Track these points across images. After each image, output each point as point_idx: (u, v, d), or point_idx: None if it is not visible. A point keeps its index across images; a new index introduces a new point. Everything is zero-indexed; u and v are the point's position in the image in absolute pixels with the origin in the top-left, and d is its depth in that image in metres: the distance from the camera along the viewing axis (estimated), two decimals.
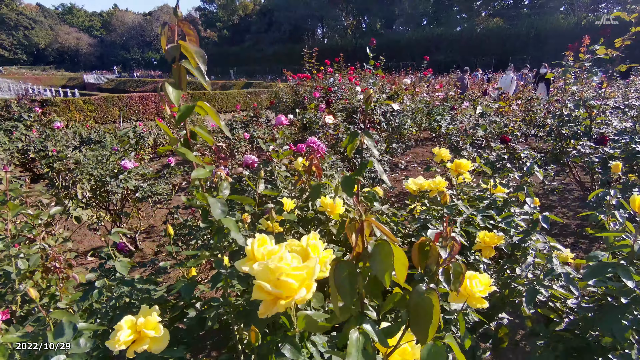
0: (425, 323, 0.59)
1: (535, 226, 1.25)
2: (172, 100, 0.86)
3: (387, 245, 0.58)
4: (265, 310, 0.67)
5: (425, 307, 0.59)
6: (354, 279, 0.59)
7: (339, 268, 0.59)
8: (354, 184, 1.06)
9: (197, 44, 0.86)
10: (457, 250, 0.67)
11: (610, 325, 1.07)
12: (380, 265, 0.57)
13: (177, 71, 0.86)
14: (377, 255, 0.57)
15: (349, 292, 0.58)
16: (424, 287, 0.61)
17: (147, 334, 0.81)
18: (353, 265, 0.60)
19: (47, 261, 1.62)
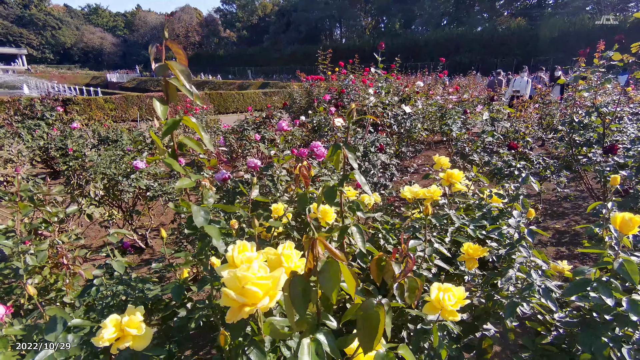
0: (370, 334, 0.62)
1: (520, 240, 1.25)
2: (159, 115, 0.91)
3: (336, 264, 0.61)
4: (231, 317, 0.72)
5: (371, 319, 0.62)
6: (308, 293, 0.62)
7: (294, 282, 0.63)
8: (336, 194, 1.10)
9: (185, 61, 0.91)
10: (412, 266, 0.70)
11: (590, 342, 1.07)
12: (327, 282, 0.60)
13: (165, 87, 0.91)
14: (325, 272, 0.60)
15: (302, 305, 0.62)
16: (374, 301, 0.64)
17: (130, 332, 0.87)
18: (307, 280, 0.63)
19: (56, 257, 1.72)
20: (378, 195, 2.12)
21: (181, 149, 1.00)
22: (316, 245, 0.61)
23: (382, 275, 0.72)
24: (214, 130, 6.45)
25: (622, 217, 1.03)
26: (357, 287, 0.74)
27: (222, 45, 70.48)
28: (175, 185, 0.94)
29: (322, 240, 0.61)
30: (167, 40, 0.87)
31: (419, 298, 0.73)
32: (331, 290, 0.59)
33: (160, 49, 0.87)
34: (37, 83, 26.12)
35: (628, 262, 1.01)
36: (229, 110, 16.71)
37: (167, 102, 0.91)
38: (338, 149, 1.07)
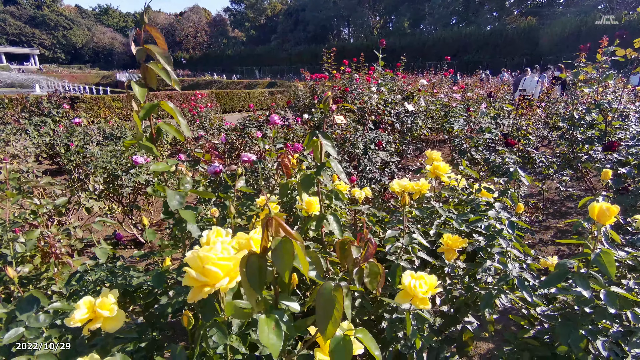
0: (326, 316, 0.62)
1: (500, 231, 1.24)
2: (138, 97, 0.92)
3: (289, 243, 0.60)
4: (193, 296, 0.73)
5: (328, 301, 0.62)
6: (263, 272, 0.62)
7: (250, 261, 0.63)
8: (312, 183, 1.10)
9: (164, 46, 0.92)
10: (373, 252, 0.70)
11: (567, 335, 1.06)
12: (280, 261, 0.59)
13: (144, 71, 0.92)
14: (278, 251, 0.60)
15: (258, 284, 0.62)
16: (332, 284, 0.65)
17: (102, 313, 0.88)
18: (263, 259, 0.63)
19: (47, 247, 1.75)
20: (369, 189, 2.11)
21: (159, 135, 1.01)
22: (272, 223, 0.61)
23: (344, 260, 0.72)
24: (217, 128, 6.50)
25: (600, 207, 1.01)
26: (322, 272, 0.74)
27: (231, 45, 70.82)
28: (150, 168, 0.96)
29: (277, 218, 0.61)
30: (146, 24, 0.88)
31: (382, 284, 0.73)
32: (284, 269, 0.59)
33: (139, 33, 0.88)
34: (49, 82, 26.54)
35: (605, 254, 1.00)
36: (235, 109, 16.79)
37: (146, 85, 0.92)
38: (314, 136, 1.07)
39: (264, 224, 0.61)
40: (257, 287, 0.62)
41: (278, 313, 0.64)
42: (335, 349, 0.64)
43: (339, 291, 0.63)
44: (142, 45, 0.93)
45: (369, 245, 0.70)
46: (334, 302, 0.62)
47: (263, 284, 0.63)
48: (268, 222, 0.61)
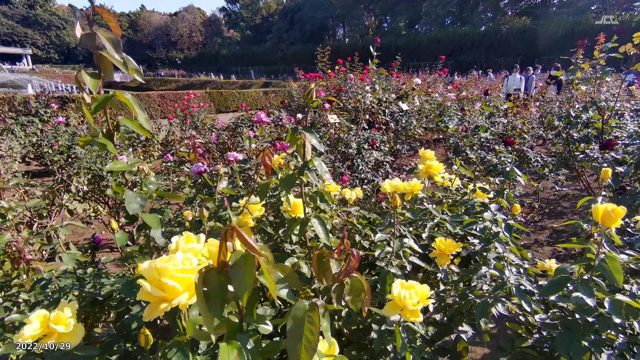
0: (298, 343, 0.53)
1: (496, 234, 1.16)
2: (90, 89, 0.83)
3: (251, 259, 0.51)
4: (148, 314, 0.63)
5: (299, 326, 0.53)
6: (224, 290, 0.53)
7: (208, 277, 0.54)
8: (294, 182, 1.02)
9: (118, 30, 0.83)
10: (355, 265, 0.62)
11: (568, 345, 0.98)
12: (239, 279, 0.49)
13: (97, 59, 0.83)
14: (238, 268, 0.51)
15: (218, 305, 0.52)
16: (307, 304, 0.56)
17: (55, 329, 0.79)
18: (225, 276, 0.54)
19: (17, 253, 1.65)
20: (360, 190, 2.03)
21: (118, 130, 0.92)
22: (232, 234, 0.52)
23: (322, 275, 0.64)
24: (209, 128, 6.39)
25: (605, 209, 0.93)
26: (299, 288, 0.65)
27: (226, 45, 70.53)
28: (105, 168, 0.87)
29: (237, 229, 0.52)
30: (95, 5, 0.79)
31: (368, 303, 0.64)
32: (242, 290, 0.49)
33: (87, 14, 0.79)
34: (41, 82, 26.22)
35: (610, 259, 0.92)
36: (230, 109, 16.67)
37: (98, 75, 0.83)
38: (296, 132, 0.99)
39: (223, 235, 0.52)
40: (217, 308, 0.53)
41: (242, 338, 0.55)
42: None
43: (314, 312, 0.55)
44: (91, 29, 0.83)
45: (350, 258, 0.61)
46: (309, 325, 0.53)
47: (222, 305, 0.53)
48: (227, 233, 0.52)
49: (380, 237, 1.19)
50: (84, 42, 0.79)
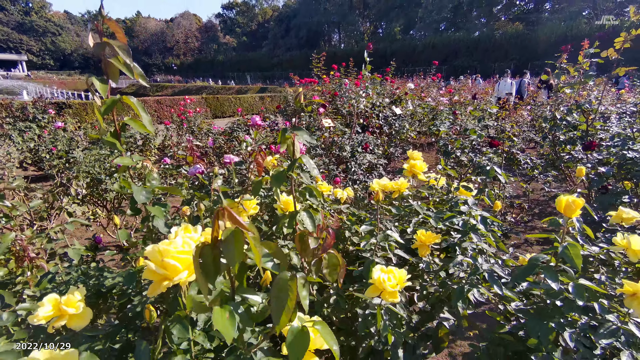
0: (280, 307, 0.61)
1: (473, 227, 1.25)
2: (100, 93, 0.91)
3: (240, 234, 0.60)
4: (152, 290, 0.72)
5: (282, 291, 0.62)
6: (217, 263, 0.62)
7: (204, 252, 0.62)
8: (284, 178, 1.10)
9: (123, 39, 0.92)
10: (331, 242, 0.70)
11: (537, 328, 1.07)
12: (229, 252, 0.58)
13: (105, 66, 0.92)
14: (229, 242, 0.59)
15: (212, 275, 0.61)
16: (288, 274, 0.64)
17: (67, 310, 0.86)
18: (217, 250, 0.62)
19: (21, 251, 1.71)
20: (351, 190, 2.12)
21: (124, 130, 1.00)
22: (223, 214, 0.61)
23: (303, 252, 0.72)
24: (205, 132, 6.48)
25: (566, 201, 1.03)
26: (285, 265, 0.74)
27: (222, 51, 70.80)
28: (114, 161, 0.94)
29: (227, 209, 0.60)
30: (105, 18, 0.88)
31: (342, 276, 0.73)
32: (233, 260, 0.58)
33: (97, 25, 0.88)
34: (37, 89, 26.22)
35: (572, 246, 1.01)
36: (226, 114, 16.75)
37: (107, 81, 0.91)
38: (286, 132, 1.07)
39: (215, 214, 0.61)
40: (211, 279, 0.62)
41: (233, 305, 0.63)
42: (291, 341, 0.63)
43: (293, 281, 0.63)
44: (101, 39, 0.92)
45: (327, 236, 0.70)
46: (288, 291, 0.62)
47: (216, 275, 0.62)
48: (219, 212, 0.60)
49: (365, 228, 1.27)
50: (95, 50, 0.87)
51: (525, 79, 9.58)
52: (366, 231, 1.27)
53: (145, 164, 1.04)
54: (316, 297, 1.26)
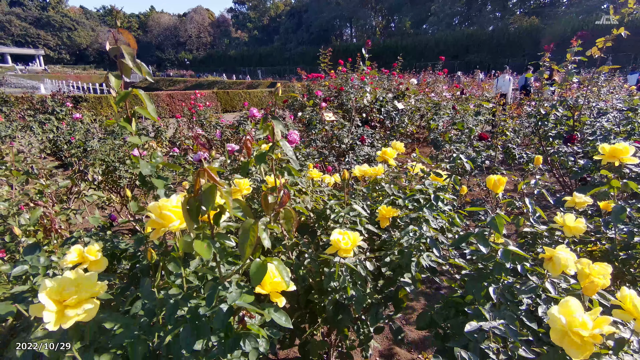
0: (244, 244, 0.84)
1: (429, 203, 1.46)
2: (113, 86, 1.16)
3: (214, 187, 0.83)
4: (154, 235, 0.96)
5: (246, 232, 0.85)
6: (198, 209, 0.85)
7: (190, 201, 0.85)
8: (265, 158, 1.34)
9: (133, 45, 1.15)
10: (286, 199, 0.93)
11: (472, 287, 1.29)
12: (206, 199, 0.82)
13: (119, 65, 1.16)
14: (206, 193, 0.82)
15: (194, 217, 0.84)
16: (252, 221, 0.87)
17: (88, 257, 1.11)
18: (199, 199, 0.85)
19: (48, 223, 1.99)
20: (338, 176, 2.34)
21: (135, 116, 1.24)
22: (203, 173, 0.84)
23: (266, 207, 0.95)
24: (214, 125, 6.76)
25: (493, 179, 1.23)
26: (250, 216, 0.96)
27: (233, 46, 71.27)
28: (127, 140, 1.18)
29: (207, 170, 0.84)
30: (119, 27, 1.11)
31: (296, 226, 0.96)
32: (208, 204, 0.81)
33: (114, 33, 1.11)
34: (58, 84, 27.01)
35: (498, 217, 1.22)
36: (236, 108, 17.08)
37: (120, 77, 1.15)
38: (267, 120, 1.30)
39: (197, 172, 0.84)
40: (194, 219, 0.85)
41: (211, 240, 0.87)
42: (254, 270, 0.87)
43: (255, 224, 0.87)
44: (116, 44, 1.15)
45: (283, 195, 0.93)
46: (250, 232, 0.85)
47: (197, 215, 0.85)
48: (199, 172, 0.84)
49: (333, 202, 1.50)
50: (111, 52, 1.11)
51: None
52: (335, 204, 1.49)
53: (150, 144, 1.27)
54: (294, 261, 1.50)
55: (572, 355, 0.78)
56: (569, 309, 0.80)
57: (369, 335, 1.77)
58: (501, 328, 1.06)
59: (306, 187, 1.97)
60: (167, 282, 1.05)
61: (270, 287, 1.01)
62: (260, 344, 1.04)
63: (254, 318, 0.96)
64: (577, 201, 1.80)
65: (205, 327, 0.87)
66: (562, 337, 0.80)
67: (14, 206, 1.68)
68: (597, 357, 0.85)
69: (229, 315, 0.87)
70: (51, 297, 0.82)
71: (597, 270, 0.97)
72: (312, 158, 3.02)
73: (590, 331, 0.76)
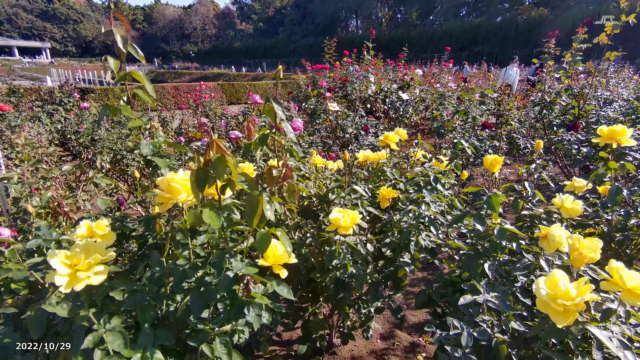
0: (251, 214, 0.89)
1: (427, 184, 1.49)
2: (112, 68, 1.20)
3: (223, 157, 0.87)
4: (162, 208, 1.01)
5: (252, 203, 0.90)
6: (206, 178, 0.89)
7: (197, 172, 0.89)
8: (267, 139, 1.38)
9: (128, 27, 1.19)
10: (289, 174, 0.97)
11: (470, 264, 1.32)
12: (216, 170, 0.86)
13: (117, 50, 1.20)
14: (216, 163, 0.86)
15: (202, 186, 0.88)
16: (257, 192, 0.92)
17: (97, 232, 1.17)
18: (207, 170, 0.89)
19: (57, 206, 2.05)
20: (341, 162, 2.38)
21: (135, 98, 1.28)
22: (213, 145, 0.88)
23: (270, 181, 1.00)
24: (219, 116, 6.81)
25: (489, 159, 1.26)
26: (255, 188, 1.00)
27: (238, 38, 71.00)
28: (129, 124, 1.22)
29: (217, 142, 0.88)
30: (114, 10, 1.15)
31: (297, 199, 1.01)
32: (219, 175, 0.86)
33: (109, 17, 1.15)
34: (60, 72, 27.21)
35: (494, 196, 1.25)
36: (241, 100, 17.10)
37: (118, 58, 1.18)
38: (268, 102, 1.34)
39: (208, 144, 0.88)
40: (202, 188, 0.89)
41: (218, 210, 0.92)
42: (259, 239, 0.92)
43: (261, 196, 0.91)
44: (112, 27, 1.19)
45: (286, 169, 0.97)
46: (257, 203, 0.89)
47: (204, 185, 0.89)
48: (209, 144, 0.88)
49: (334, 184, 1.54)
50: (105, 36, 1.15)
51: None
52: (335, 186, 1.53)
53: (153, 124, 1.31)
54: (297, 240, 1.54)
55: (557, 322, 0.82)
56: (554, 279, 0.84)
57: (370, 316, 1.82)
58: (495, 301, 1.10)
59: (309, 173, 2.01)
60: (175, 254, 1.10)
61: (273, 260, 1.05)
62: (264, 315, 1.09)
63: (257, 284, 1.01)
64: (576, 185, 1.82)
65: (212, 293, 0.92)
66: (546, 305, 0.84)
67: (26, 187, 1.74)
68: (582, 324, 0.89)
69: (235, 281, 0.91)
70: (62, 262, 0.87)
71: (587, 244, 1.00)
72: (316, 146, 3.05)
73: (572, 299, 0.80)
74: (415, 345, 2.27)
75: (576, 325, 0.87)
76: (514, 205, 1.72)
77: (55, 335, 1.09)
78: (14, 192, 1.74)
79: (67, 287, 0.85)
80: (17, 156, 1.84)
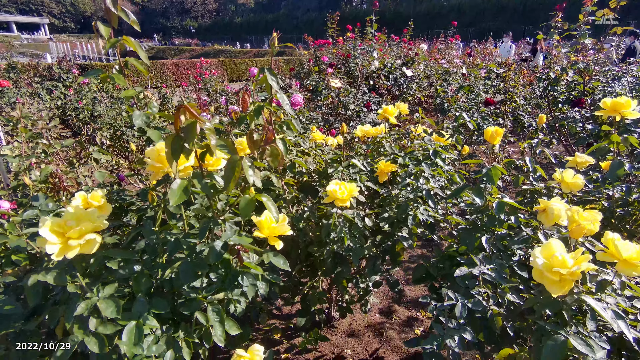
0: (229, 176, 0.88)
1: (426, 157, 1.47)
2: (102, 34, 1.16)
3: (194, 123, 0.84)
4: (153, 178, 1.00)
5: (231, 166, 0.89)
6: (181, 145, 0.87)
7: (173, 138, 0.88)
8: (261, 111, 1.35)
9: None
10: (271, 137, 0.96)
11: (467, 237, 1.32)
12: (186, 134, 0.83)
13: (106, 12, 1.15)
14: (187, 129, 0.84)
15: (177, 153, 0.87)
16: (237, 157, 0.90)
17: (92, 203, 1.16)
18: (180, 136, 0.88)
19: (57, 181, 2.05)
20: (341, 137, 2.34)
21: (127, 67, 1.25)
22: (184, 110, 0.86)
23: (252, 146, 0.99)
24: (219, 93, 6.73)
25: (490, 131, 1.23)
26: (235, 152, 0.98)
27: (239, 12, 69.29)
28: (122, 94, 1.20)
29: (187, 106, 0.86)
30: None
31: (282, 164, 1.00)
32: (189, 140, 0.84)
33: None
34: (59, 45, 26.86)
35: (494, 168, 1.23)
36: (242, 77, 16.85)
37: (109, 25, 1.14)
38: (263, 73, 1.30)
39: (176, 109, 0.86)
40: (177, 155, 0.88)
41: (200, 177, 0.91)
42: (243, 205, 0.91)
43: (240, 160, 0.90)
44: None
45: (268, 133, 0.95)
46: (234, 165, 0.88)
47: (178, 152, 0.88)
48: (179, 109, 0.86)
49: (331, 156, 1.52)
50: None
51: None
52: (332, 159, 1.51)
53: (146, 94, 1.29)
54: (294, 214, 1.54)
55: (552, 292, 0.82)
56: (550, 248, 0.83)
57: (368, 290, 1.84)
58: (491, 273, 1.09)
59: (309, 148, 1.99)
60: (169, 225, 1.10)
61: (269, 231, 1.05)
62: (260, 286, 1.09)
63: (249, 254, 1.01)
64: (578, 161, 1.79)
65: (203, 262, 0.92)
66: (542, 275, 0.83)
67: (24, 161, 1.73)
68: (577, 295, 0.88)
69: (224, 250, 0.91)
70: (53, 230, 0.87)
71: (585, 216, 0.99)
72: (317, 122, 3.01)
73: (568, 268, 0.79)
74: (413, 320, 2.31)
75: (571, 295, 0.87)
76: (514, 180, 1.70)
77: (54, 304, 1.11)
78: (14, 167, 1.74)
79: (58, 254, 0.85)
80: (13, 129, 1.82)
